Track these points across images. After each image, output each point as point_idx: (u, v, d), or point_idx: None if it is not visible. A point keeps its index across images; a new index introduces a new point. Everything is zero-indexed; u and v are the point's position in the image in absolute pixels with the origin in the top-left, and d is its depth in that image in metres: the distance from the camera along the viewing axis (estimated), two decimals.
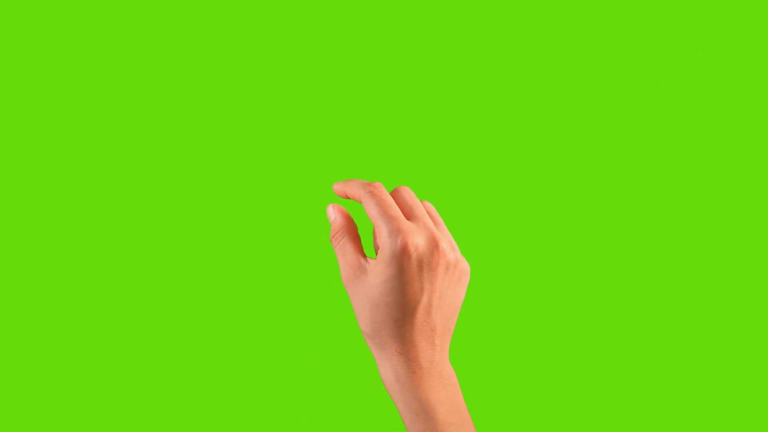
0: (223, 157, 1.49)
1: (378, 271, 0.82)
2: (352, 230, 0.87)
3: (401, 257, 0.82)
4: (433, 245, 0.83)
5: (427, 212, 0.87)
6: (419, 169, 1.50)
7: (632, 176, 1.51)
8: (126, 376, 1.45)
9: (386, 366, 0.84)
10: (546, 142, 1.51)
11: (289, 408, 1.44)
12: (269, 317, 1.44)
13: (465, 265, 0.86)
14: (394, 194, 0.87)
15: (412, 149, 1.51)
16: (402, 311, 0.82)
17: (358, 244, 0.86)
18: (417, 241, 0.83)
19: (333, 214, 0.88)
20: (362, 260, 0.84)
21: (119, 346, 1.45)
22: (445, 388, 0.84)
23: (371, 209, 0.84)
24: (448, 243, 0.85)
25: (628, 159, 1.52)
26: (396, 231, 0.82)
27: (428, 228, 0.84)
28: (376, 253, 0.85)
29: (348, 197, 0.87)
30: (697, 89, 1.52)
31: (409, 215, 0.85)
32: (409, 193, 0.88)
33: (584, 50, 1.52)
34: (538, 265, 1.50)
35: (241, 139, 1.49)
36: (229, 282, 1.45)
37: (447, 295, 0.84)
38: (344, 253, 0.85)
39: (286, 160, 1.49)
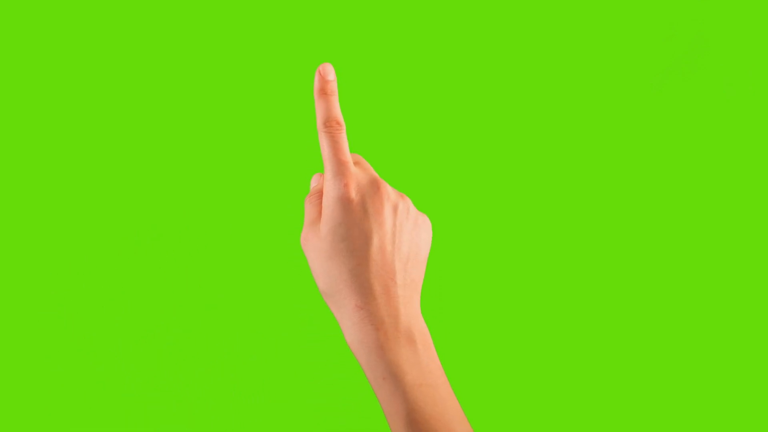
0: (213, 154, 1.49)
1: (324, 219, 0.80)
2: None
3: (343, 199, 0.80)
4: (375, 186, 0.81)
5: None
6: (415, 169, 1.50)
7: (634, 179, 1.52)
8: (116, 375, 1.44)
9: (348, 326, 0.79)
10: (548, 145, 1.51)
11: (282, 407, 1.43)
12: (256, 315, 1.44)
13: (422, 217, 0.83)
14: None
15: (407, 149, 1.51)
16: (355, 258, 0.79)
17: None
18: (358, 183, 0.81)
19: (316, 180, 0.86)
20: (318, 218, 0.82)
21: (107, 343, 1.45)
22: (414, 347, 0.79)
23: (324, 148, 0.82)
24: (392, 189, 0.83)
25: (630, 162, 1.52)
26: (340, 174, 0.80)
27: (371, 172, 0.83)
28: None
29: (315, 97, 0.85)
30: (699, 92, 1.52)
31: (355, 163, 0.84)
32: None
33: (585, 53, 1.52)
34: (538, 265, 1.50)
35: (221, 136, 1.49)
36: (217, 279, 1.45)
37: (403, 240, 0.81)
38: (310, 212, 0.82)
39: (274, 158, 1.49)
